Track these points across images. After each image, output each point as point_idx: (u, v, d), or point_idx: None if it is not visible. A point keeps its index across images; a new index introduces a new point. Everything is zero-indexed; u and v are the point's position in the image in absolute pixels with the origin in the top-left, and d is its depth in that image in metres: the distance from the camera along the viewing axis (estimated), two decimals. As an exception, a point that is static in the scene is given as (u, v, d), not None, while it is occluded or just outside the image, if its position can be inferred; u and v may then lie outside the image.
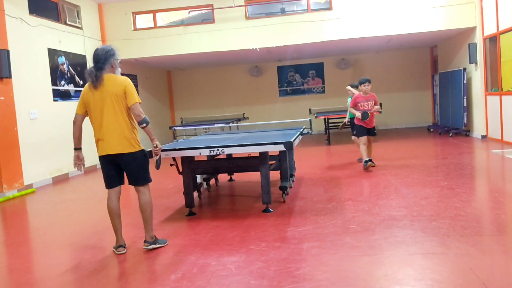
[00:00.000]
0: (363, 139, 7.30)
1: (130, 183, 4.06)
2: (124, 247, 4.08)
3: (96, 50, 3.96)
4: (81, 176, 9.46)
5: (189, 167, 5.22)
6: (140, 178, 4.01)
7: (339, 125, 8.70)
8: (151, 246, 4.06)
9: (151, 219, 4.13)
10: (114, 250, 4.08)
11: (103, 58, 3.89)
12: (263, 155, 5.04)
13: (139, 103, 3.91)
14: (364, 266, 3.31)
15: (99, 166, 10.55)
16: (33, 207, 6.82)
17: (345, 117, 8.85)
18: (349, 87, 8.57)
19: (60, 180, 9.01)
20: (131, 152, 3.93)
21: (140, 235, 4.49)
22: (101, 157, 4.01)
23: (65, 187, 8.33)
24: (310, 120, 7.67)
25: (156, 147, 4.02)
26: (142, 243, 4.16)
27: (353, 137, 8.28)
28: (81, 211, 6.08)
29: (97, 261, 3.88)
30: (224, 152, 4.88)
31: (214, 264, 3.54)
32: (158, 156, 4.13)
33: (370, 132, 7.38)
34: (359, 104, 7.29)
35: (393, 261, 3.37)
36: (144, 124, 3.87)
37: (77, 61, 10.11)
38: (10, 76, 7.56)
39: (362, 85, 7.30)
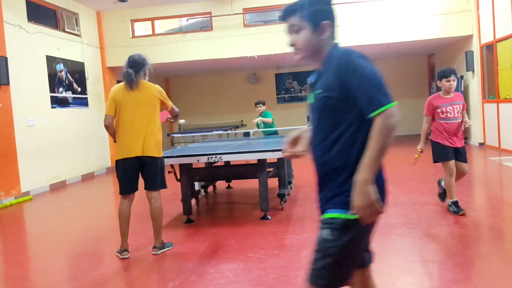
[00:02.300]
0: (450, 165, 4.55)
1: (146, 187, 4.11)
2: (128, 252, 4.09)
3: (133, 56, 4.09)
4: (78, 183, 9.43)
5: (187, 174, 5.21)
6: (160, 183, 4.13)
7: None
8: (160, 251, 4.11)
9: (161, 226, 4.20)
10: (118, 254, 4.08)
11: (140, 63, 4.05)
12: (261, 162, 5.03)
13: None
14: (363, 274, 3.29)
15: (96, 173, 10.63)
16: (30, 214, 6.79)
17: None
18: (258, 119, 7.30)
19: (58, 187, 8.97)
20: (159, 157, 4.09)
21: (138, 243, 4.48)
22: (124, 160, 4.02)
23: (62, 194, 8.29)
24: (308, 127, 7.66)
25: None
26: (140, 251, 4.15)
27: None
28: (79, 218, 6.05)
29: (95, 269, 3.86)
30: (222, 159, 4.87)
31: (212, 272, 3.53)
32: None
33: (458, 153, 4.63)
34: (439, 110, 4.60)
35: (392, 269, 3.36)
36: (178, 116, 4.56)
37: (75, 68, 10.12)
38: (8, 83, 7.55)
39: (444, 79, 4.54)
